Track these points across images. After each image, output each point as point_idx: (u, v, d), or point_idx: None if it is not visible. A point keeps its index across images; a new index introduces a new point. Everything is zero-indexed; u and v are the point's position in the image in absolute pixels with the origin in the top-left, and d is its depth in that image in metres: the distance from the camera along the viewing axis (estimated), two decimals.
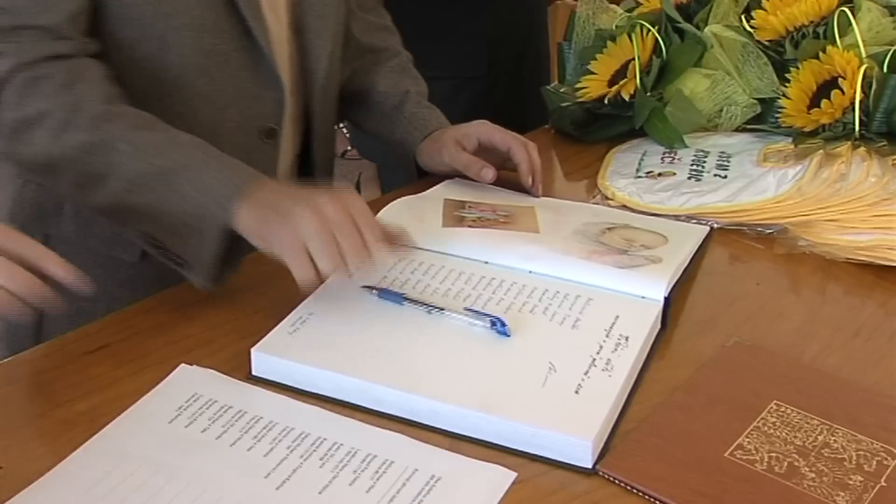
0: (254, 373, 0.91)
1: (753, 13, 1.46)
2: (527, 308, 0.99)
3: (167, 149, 1.02)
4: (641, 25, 1.44)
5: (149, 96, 1.09)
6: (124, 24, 1.10)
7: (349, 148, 4.53)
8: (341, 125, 4.58)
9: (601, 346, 0.93)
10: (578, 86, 1.49)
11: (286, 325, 0.95)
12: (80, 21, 1.06)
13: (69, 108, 1.02)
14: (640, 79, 1.41)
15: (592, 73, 1.49)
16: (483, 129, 1.30)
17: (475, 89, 1.79)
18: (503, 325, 0.93)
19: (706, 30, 1.45)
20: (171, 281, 1.05)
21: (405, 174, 1.39)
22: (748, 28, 1.46)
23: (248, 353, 0.91)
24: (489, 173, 1.24)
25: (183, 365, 0.92)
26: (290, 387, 0.89)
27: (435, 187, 1.27)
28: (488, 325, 0.93)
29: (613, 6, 1.62)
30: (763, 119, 1.44)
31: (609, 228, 1.15)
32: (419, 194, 1.24)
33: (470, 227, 1.13)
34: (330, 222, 0.93)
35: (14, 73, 1.01)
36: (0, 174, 1.24)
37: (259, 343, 0.92)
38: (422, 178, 1.32)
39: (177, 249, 1.02)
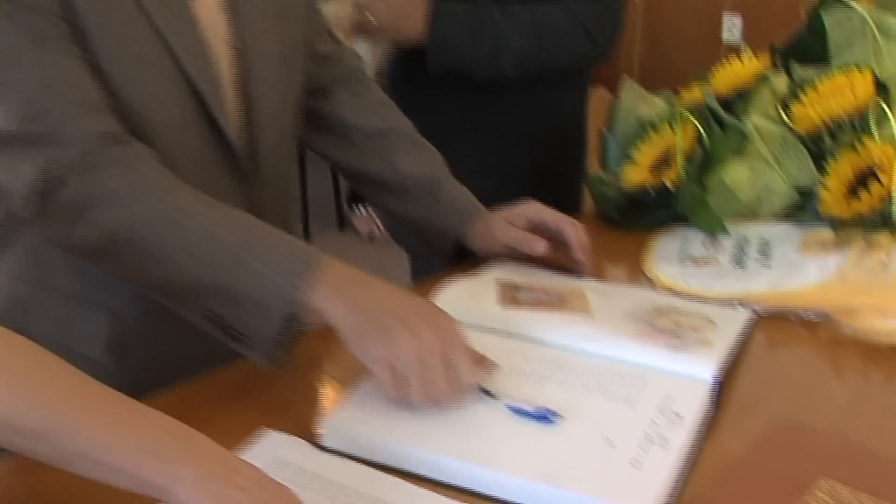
0: (324, 444, 0.96)
1: (791, 105, 1.54)
2: (583, 385, 1.04)
3: (232, 225, 1.07)
4: (684, 116, 1.51)
5: None
6: None
7: (377, 231, 4.63)
8: (366, 207, 4.68)
9: (656, 423, 0.98)
10: (621, 173, 1.56)
11: (354, 397, 1.01)
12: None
13: (130, 184, 1.06)
14: (683, 168, 1.48)
15: (634, 160, 1.56)
16: (532, 209, 1.37)
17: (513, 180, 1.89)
18: (550, 416, 0.99)
19: (746, 121, 1.52)
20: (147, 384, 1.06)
21: (437, 257, 1.45)
22: (786, 120, 1.53)
23: (317, 423, 0.97)
24: (541, 245, 1.31)
25: (263, 427, 0.98)
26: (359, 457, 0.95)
27: (485, 270, 1.34)
28: (535, 420, 0.99)
29: (653, 96, 1.70)
30: (802, 208, 1.50)
31: (658, 311, 1.21)
32: (471, 276, 1.31)
33: (526, 308, 1.20)
34: (427, 353, 0.98)
35: (69, 154, 1.06)
36: None
37: (328, 415, 0.98)
38: (458, 262, 1.39)
39: (240, 326, 1.06)
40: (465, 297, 1.20)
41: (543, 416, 0.98)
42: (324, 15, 1.48)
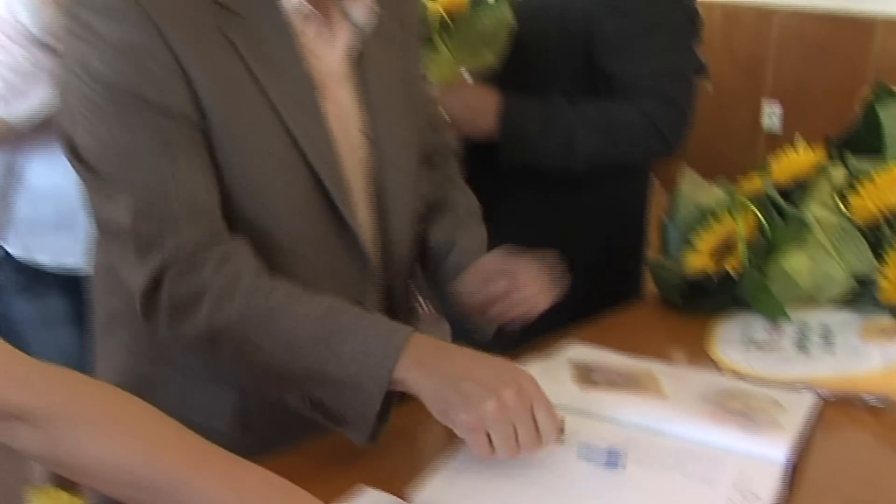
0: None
1: (849, 196, 1.60)
2: (661, 464, 1.10)
3: (322, 315, 1.14)
4: (745, 205, 1.57)
5: None
6: (233, 220, 1.22)
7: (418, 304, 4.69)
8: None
9: (733, 502, 1.03)
10: (682, 259, 1.62)
11: (446, 464, 1.08)
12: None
13: (227, 282, 1.14)
14: (745, 255, 1.54)
15: (696, 247, 1.62)
16: (488, 260, 1.38)
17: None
18: (615, 458, 1.05)
19: (806, 211, 1.58)
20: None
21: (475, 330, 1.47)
22: (844, 210, 1.59)
23: (411, 489, 1.03)
24: (497, 285, 1.33)
25: (360, 484, 1.05)
26: None
27: (558, 351, 1.39)
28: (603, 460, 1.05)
29: (711, 185, 1.76)
30: (861, 295, 1.55)
31: (728, 394, 1.26)
32: (546, 358, 1.36)
33: (601, 388, 1.25)
34: (511, 412, 1.05)
35: (174, 257, 1.14)
36: (107, 346, 1.36)
37: (422, 481, 1.05)
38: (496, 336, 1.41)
39: (338, 409, 1.13)
40: (542, 378, 1.25)
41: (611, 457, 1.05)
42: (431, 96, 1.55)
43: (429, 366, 1.10)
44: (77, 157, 1.19)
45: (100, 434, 0.88)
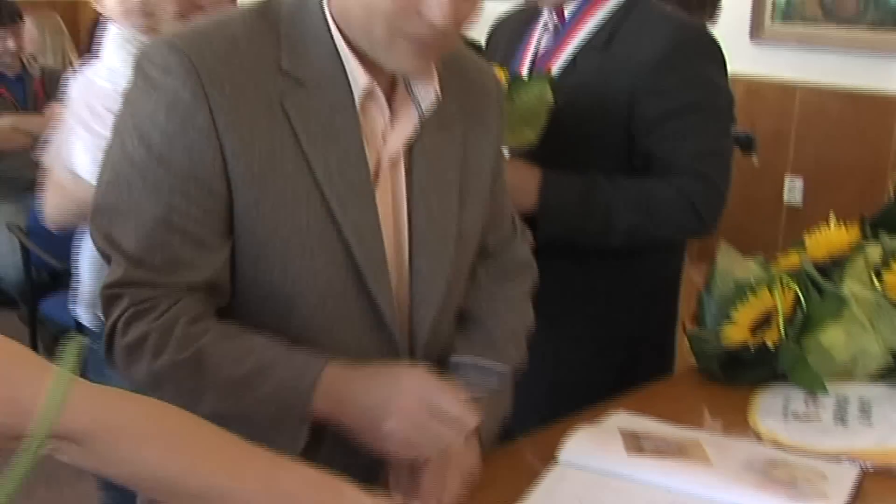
0: None
1: (884, 273, 1.65)
2: None
3: (245, 355, 1.22)
4: (784, 281, 1.63)
5: None
6: (254, 286, 1.28)
7: None
8: None
9: None
10: (720, 331, 1.67)
11: None
12: (204, 281, 1.27)
13: (163, 330, 1.21)
14: (784, 329, 1.59)
15: (734, 320, 1.68)
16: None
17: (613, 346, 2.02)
18: None
19: (842, 287, 1.64)
20: None
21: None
22: (879, 287, 1.65)
23: None
24: None
25: None
26: None
27: (607, 419, 1.45)
28: None
29: (749, 260, 1.82)
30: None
31: (772, 463, 1.31)
32: (595, 425, 1.42)
33: (650, 456, 1.30)
34: (414, 421, 1.20)
35: (133, 302, 1.22)
36: None
37: None
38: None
39: (273, 448, 1.13)
40: (592, 445, 1.31)
41: None
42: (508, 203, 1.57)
43: (344, 403, 1.21)
44: (95, 198, 1.28)
45: (141, 447, 0.94)
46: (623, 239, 1.90)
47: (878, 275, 1.67)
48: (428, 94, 1.33)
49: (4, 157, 4.53)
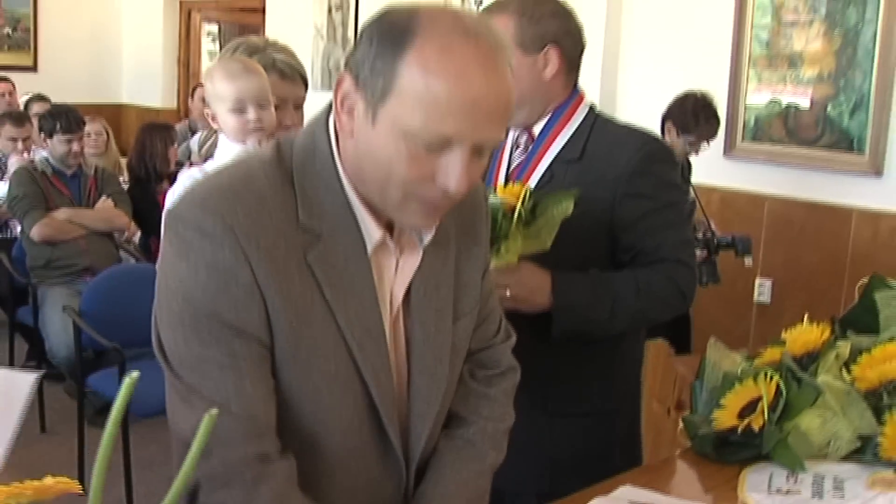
0: None
1: (852, 367, 1.75)
2: None
3: None
4: (766, 373, 1.72)
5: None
6: (285, 429, 1.25)
7: None
8: None
9: None
10: (712, 417, 1.76)
11: None
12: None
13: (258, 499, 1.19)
14: (767, 414, 1.68)
15: (724, 407, 1.76)
16: None
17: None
18: None
19: (818, 378, 1.73)
20: None
21: None
22: (849, 379, 1.74)
23: None
24: None
25: None
26: None
27: (618, 488, 1.52)
28: None
29: (734, 354, 1.91)
30: (864, 451, 1.68)
31: None
32: (607, 496, 1.49)
33: None
34: None
35: (215, 470, 1.19)
36: None
37: None
38: None
39: None
40: None
41: None
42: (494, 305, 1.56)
43: None
44: (162, 352, 1.24)
45: None
46: (627, 324, 1.99)
47: (848, 368, 1.76)
48: (432, 232, 1.33)
49: (60, 246, 4.63)
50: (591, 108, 2.08)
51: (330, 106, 1.28)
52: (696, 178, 4.66)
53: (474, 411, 1.46)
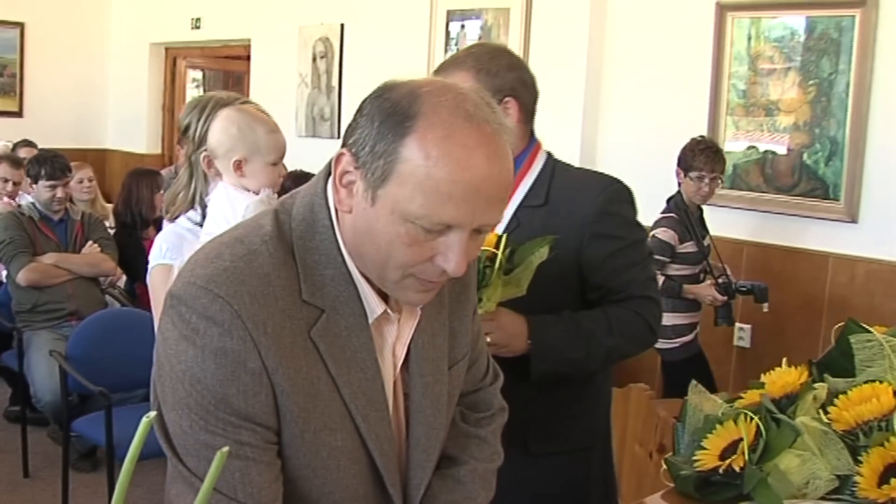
0: None
1: (829, 409, 1.79)
2: None
3: None
4: (747, 414, 1.77)
5: None
6: (292, 499, 1.25)
7: None
8: None
9: None
10: (694, 458, 1.80)
11: None
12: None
13: None
14: (748, 455, 1.72)
15: (705, 448, 1.80)
16: None
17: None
18: None
19: (796, 419, 1.77)
20: None
21: None
22: (826, 420, 1.79)
23: None
24: None
25: None
26: None
27: None
28: None
29: (715, 397, 1.95)
30: (841, 490, 1.73)
31: None
32: None
33: None
34: None
35: None
36: None
37: None
38: None
39: None
40: None
41: None
42: (483, 347, 1.60)
43: None
44: (164, 433, 1.23)
45: None
46: (602, 361, 2.05)
47: (825, 409, 1.81)
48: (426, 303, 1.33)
49: (46, 291, 4.65)
50: (550, 155, 2.17)
51: (327, 174, 1.28)
52: None
53: (465, 452, 1.48)
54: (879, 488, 1.65)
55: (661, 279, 3.34)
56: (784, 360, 1.96)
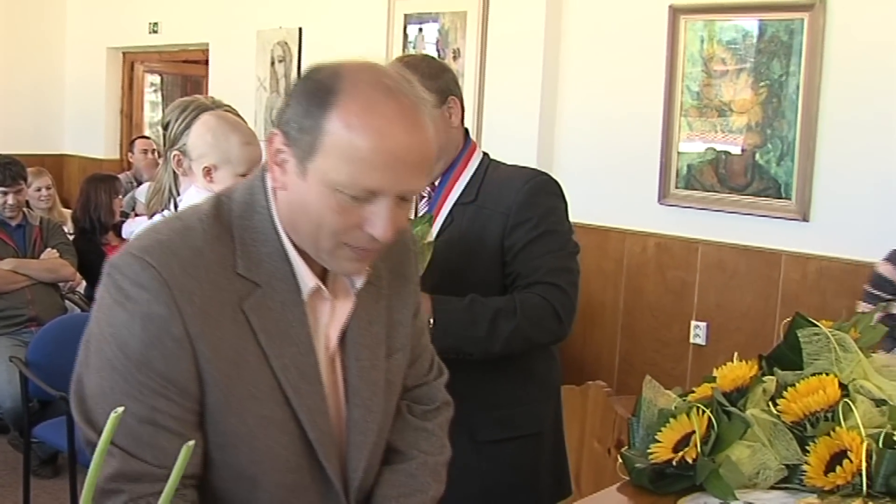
0: None
1: (778, 401, 1.85)
2: None
3: None
4: (699, 408, 1.82)
5: None
6: (223, 468, 1.30)
7: None
8: None
9: None
10: (649, 451, 1.84)
11: None
12: (191, 472, 1.27)
13: None
14: (700, 447, 1.77)
15: (659, 441, 1.85)
16: None
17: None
18: None
19: (746, 412, 1.83)
20: None
21: None
22: (775, 412, 1.84)
23: None
24: None
25: None
26: None
27: None
28: None
29: (668, 392, 2.00)
30: (790, 479, 1.78)
31: None
32: None
33: None
34: None
35: (127, 502, 1.21)
36: None
37: None
38: None
39: None
40: None
41: None
42: (426, 343, 1.64)
43: None
44: (80, 398, 1.27)
45: None
46: (504, 344, 2.09)
47: (774, 402, 1.86)
48: (363, 277, 1.40)
49: (5, 297, 4.62)
50: (485, 155, 2.27)
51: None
52: (631, 225, 4.81)
53: (414, 445, 1.53)
54: (826, 476, 1.71)
55: (876, 316, 2.78)
56: (735, 355, 2.01)
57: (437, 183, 2.24)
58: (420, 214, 2.23)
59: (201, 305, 1.25)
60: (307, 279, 1.33)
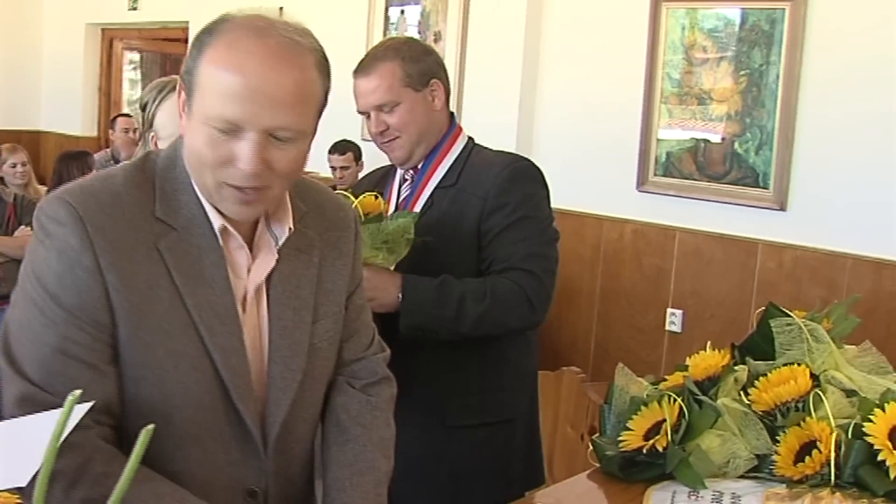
0: None
1: (750, 390, 1.85)
2: None
3: (149, 501, 1.26)
4: (670, 396, 1.81)
5: (152, 458, 1.26)
6: (136, 402, 1.33)
7: None
8: None
9: None
10: (619, 439, 1.84)
11: None
12: (103, 405, 1.29)
13: (76, 468, 1.23)
14: (670, 436, 1.77)
15: (630, 429, 1.84)
16: None
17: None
18: None
19: (718, 401, 1.82)
20: None
21: None
22: (746, 401, 1.84)
23: None
24: None
25: None
26: None
27: None
28: None
29: (641, 379, 2.00)
30: (760, 469, 1.78)
31: None
32: None
33: None
34: None
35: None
36: None
37: None
38: None
39: None
40: None
41: None
42: (367, 321, 1.66)
43: None
44: (4, 332, 1.33)
45: None
46: (472, 326, 2.09)
47: (746, 391, 1.86)
48: (283, 230, 1.44)
49: None
50: (470, 139, 2.26)
51: None
52: (609, 212, 4.81)
53: (358, 419, 1.55)
54: (795, 466, 1.71)
55: None
56: (708, 343, 2.01)
57: (419, 166, 2.23)
58: (405, 207, 2.21)
59: (114, 240, 1.31)
60: (214, 220, 1.39)
